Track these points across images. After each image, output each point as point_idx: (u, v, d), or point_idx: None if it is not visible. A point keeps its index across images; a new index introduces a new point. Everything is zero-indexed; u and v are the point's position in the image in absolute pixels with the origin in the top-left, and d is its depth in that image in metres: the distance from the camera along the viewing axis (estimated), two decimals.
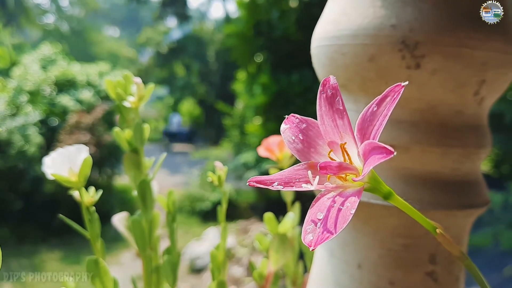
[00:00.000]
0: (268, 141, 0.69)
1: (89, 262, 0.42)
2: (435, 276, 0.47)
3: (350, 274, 0.50)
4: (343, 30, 0.47)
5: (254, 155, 5.27)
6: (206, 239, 4.05)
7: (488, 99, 0.47)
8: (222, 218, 0.54)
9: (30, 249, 4.11)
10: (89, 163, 0.45)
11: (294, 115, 0.32)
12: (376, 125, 0.28)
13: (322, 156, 0.31)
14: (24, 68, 5.42)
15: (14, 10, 12.82)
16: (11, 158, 4.42)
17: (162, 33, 13.82)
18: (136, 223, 0.48)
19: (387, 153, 0.25)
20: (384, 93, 0.27)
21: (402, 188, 0.46)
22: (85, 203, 0.46)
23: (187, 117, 12.15)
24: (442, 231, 0.35)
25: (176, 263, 0.50)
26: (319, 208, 0.27)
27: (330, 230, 0.25)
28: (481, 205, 0.47)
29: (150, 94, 0.53)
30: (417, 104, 0.45)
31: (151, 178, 0.51)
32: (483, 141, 0.48)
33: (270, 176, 0.30)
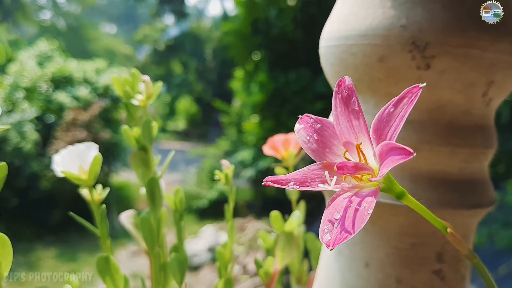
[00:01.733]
0: (274, 139, 0.69)
1: (100, 260, 0.42)
2: (442, 275, 0.48)
3: (357, 273, 0.50)
4: (352, 30, 0.47)
5: (251, 153, 5.28)
6: (203, 237, 4.05)
7: (496, 100, 0.48)
8: (229, 216, 0.54)
9: (26, 247, 4.10)
10: (99, 161, 0.45)
11: (309, 115, 0.32)
12: (393, 126, 0.28)
13: (337, 156, 0.31)
14: (21, 64, 5.40)
15: (10, 6, 12.76)
16: (7, 154, 4.41)
17: (159, 30, 13.80)
18: (145, 221, 0.48)
19: (406, 154, 0.25)
20: (401, 94, 0.27)
21: (410, 187, 0.46)
22: (95, 202, 0.46)
23: (184, 114, 12.14)
24: (453, 230, 0.35)
25: (184, 260, 0.50)
26: (336, 208, 0.28)
27: (348, 230, 0.26)
28: (487, 205, 0.48)
29: (158, 92, 0.53)
30: (425, 104, 0.46)
31: (160, 176, 0.52)
32: (490, 141, 0.49)
33: (286, 176, 0.31)
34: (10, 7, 12.75)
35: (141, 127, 0.51)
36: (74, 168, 0.45)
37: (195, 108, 12.06)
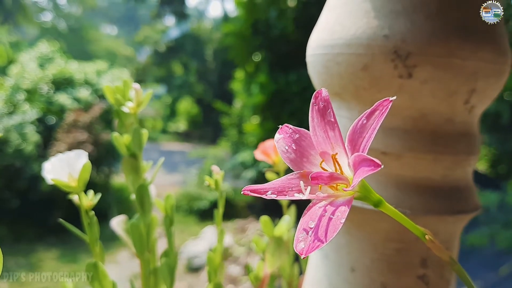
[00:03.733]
0: (265, 144, 0.70)
1: (89, 266, 0.43)
2: (427, 280, 0.49)
3: (344, 277, 0.51)
4: (338, 39, 0.48)
5: (252, 154, 5.28)
6: (204, 238, 4.06)
7: (478, 107, 0.49)
8: (218, 221, 0.55)
9: (27, 248, 4.11)
10: (88, 168, 0.46)
11: (288, 125, 0.33)
12: (365, 138, 0.29)
13: (314, 165, 0.32)
14: (21, 66, 5.41)
15: (11, 7, 12.80)
16: (8, 156, 4.42)
17: (160, 32, 13.83)
18: (134, 227, 0.49)
19: (374, 166, 0.26)
20: (373, 107, 0.28)
21: (394, 193, 0.47)
22: (84, 207, 0.46)
23: (184, 116, 12.16)
24: (432, 237, 0.36)
25: (174, 265, 0.51)
26: (311, 217, 0.28)
27: (320, 239, 0.26)
28: (471, 211, 0.49)
29: (149, 100, 0.54)
30: (409, 112, 0.47)
31: (149, 182, 0.53)
32: (473, 148, 0.49)
33: (264, 185, 0.31)
34: (11, 8, 12.78)
35: (131, 135, 0.52)
36: (64, 176, 0.46)
37: (196, 109, 12.08)
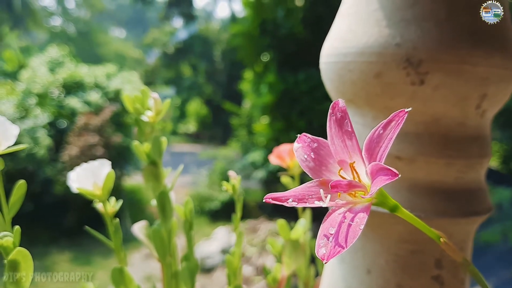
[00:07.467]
0: (279, 149, 0.72)
1: (114, 272, 0.45)
2: (441, 280, 0.50)
3: (360, 279, 0.52)
4: (350, 47, 0.50)
5: (262, 154, 5.30)
6: (216, 239, 4.08)
7: (490, 111, 0.50)
8: (236, 225, 0.57)
9: (41, 251, 4.16)
10: (112, 177, 0.47)
11: (306, 134, 0.35)
12: (382, 147, 0.30)
13: (333, 174, 0.33)
14: (32, 70, 5.48)
15: (21, 12, 12.92)
16: (21, 160, 4.48)
17: (168, 34, 13.89)
18: (156, 232, 0.51)
19: (392, 175, 0.28)
20: (389, 117, 0.29)
21: (408, 197, 0.48)
22: (108, 215, 0.48)
23: (194, 117, 12.20)
24: (446, 239, 0.37)
25: (194, 269, 0.53)
26: (331, 223, 0.30)
27: (341, 245, 0.28)
28: (484, 212, 0.50)
29: (167, 109, 0.55)
30: (421, 117, 0.48)
31: (170, 189, 0.54)
32: (486, 151, 0.50)
33: (285, 193, 0.33)
34: (20, 13, 12.92)
35: (151, 143, 0.53)
36: (89, 184, 0.48)
37: (205, 110, 12.13)
